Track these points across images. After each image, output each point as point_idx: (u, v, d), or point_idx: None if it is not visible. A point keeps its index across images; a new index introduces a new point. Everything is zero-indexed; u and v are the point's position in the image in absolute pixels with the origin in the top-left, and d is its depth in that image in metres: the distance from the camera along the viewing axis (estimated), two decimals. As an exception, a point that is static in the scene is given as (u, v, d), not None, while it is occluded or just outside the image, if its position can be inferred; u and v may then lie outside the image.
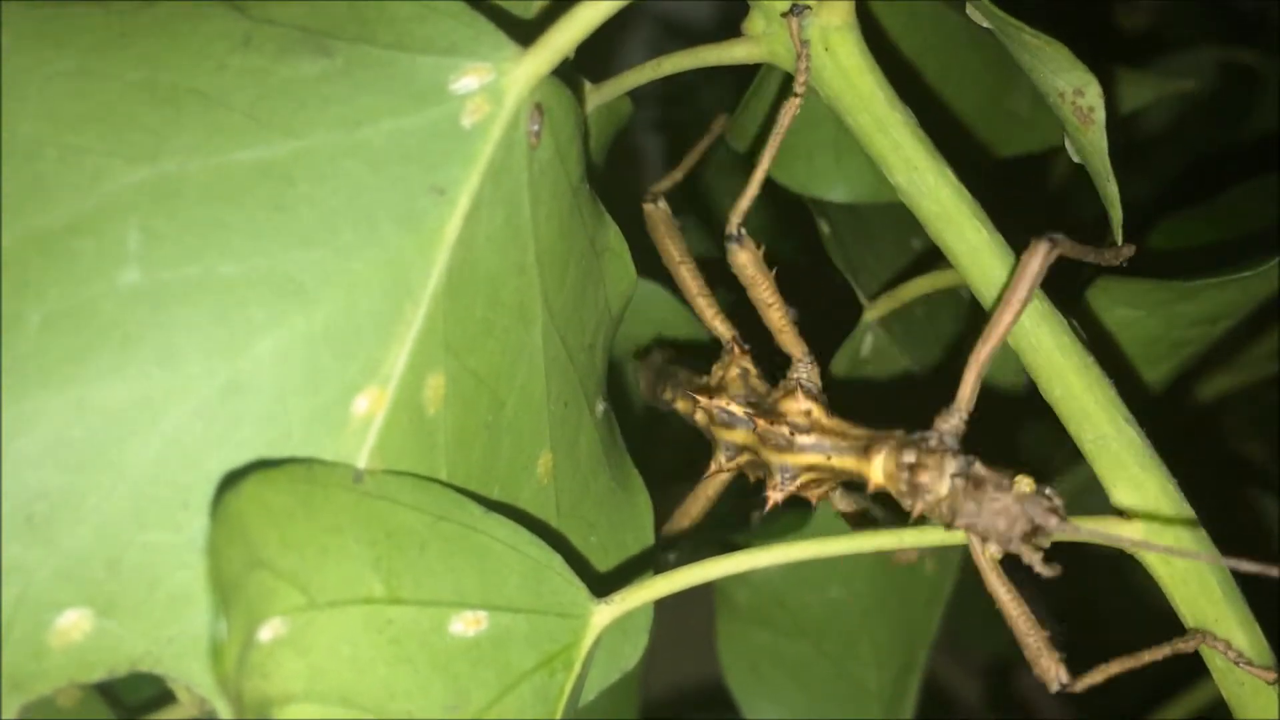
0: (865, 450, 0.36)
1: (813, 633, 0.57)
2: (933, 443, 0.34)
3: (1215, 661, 0.36)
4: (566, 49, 0.32)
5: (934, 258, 0.43)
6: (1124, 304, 0.44)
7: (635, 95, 0.44)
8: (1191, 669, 0.40)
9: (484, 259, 0.32)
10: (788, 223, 0.65)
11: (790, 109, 0.38)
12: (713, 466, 0.42)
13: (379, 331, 0.30)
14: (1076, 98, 0.38)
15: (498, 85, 0.32)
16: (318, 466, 0.30)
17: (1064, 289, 0.38)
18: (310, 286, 0.30)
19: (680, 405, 0.44)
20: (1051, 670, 0.35)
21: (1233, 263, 0.42)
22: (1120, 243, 0.40)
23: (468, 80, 0.31)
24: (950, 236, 0.37)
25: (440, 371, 0.32)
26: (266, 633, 0.28)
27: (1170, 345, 0.48)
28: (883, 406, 0.56)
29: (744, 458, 0.41)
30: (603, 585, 0.36)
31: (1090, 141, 0.38)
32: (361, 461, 0.30)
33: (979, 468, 0.33)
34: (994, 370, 0.55)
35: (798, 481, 0.38)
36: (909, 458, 0.35)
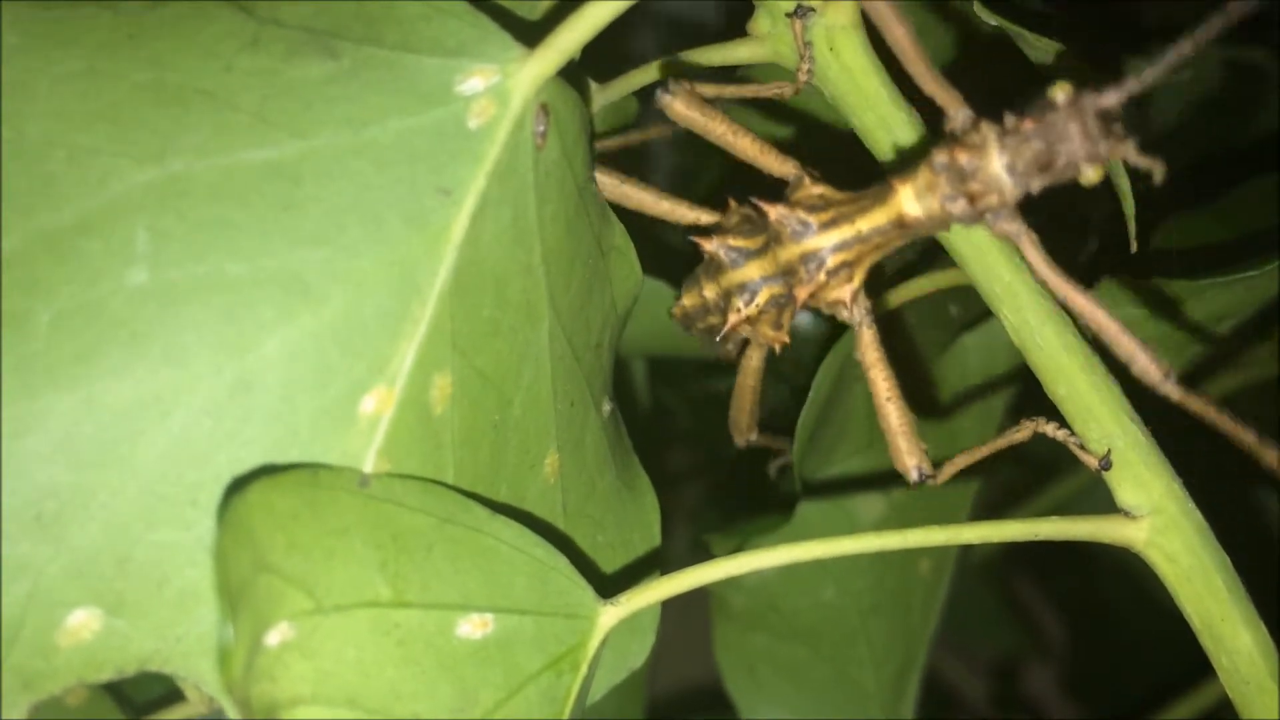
0: (891, 191, 0.32)
1: (809, 635, 0.57)
2: (958, 126, 0.29)
3: (1221, 661, 0.36)
4: (572, 50, 0.32)
5: (940, 258, 0.43)
6: (1129, 302, 0.44)
7: (641, 95, 0.44)
8: (1197, 669, 0.40)
9: (491, 259, 0.32)
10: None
11: (772, 91, 0.38)
12: (732, 319, 0.37)
13: (386, 330, 0.30)
14: None
15: (503, 87, 0.32)
16: (323, 470, 0.30)
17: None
18: (318, 285, 0.30)
19: (687, 301, 0.40)
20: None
21: (1239, 261, 0.42)
22: (1134, 236, 0.39)
23: (473, 81, 0.31)
24: (955, 234, 0.37)
25: (447, 371, 0.32)
26: (274, 637, 0.28)
27: (1175, 344, 0.47)
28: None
29: (766, 293, 0.36)
30: (609, 586, 0.36)
31: None
32: (369, 461, 0.31)
33: (1012, 116, 0.28)
34: (995, 370, 0.55)
35: (826, 268, 0.34)
36: (941, 159, 0.30)
